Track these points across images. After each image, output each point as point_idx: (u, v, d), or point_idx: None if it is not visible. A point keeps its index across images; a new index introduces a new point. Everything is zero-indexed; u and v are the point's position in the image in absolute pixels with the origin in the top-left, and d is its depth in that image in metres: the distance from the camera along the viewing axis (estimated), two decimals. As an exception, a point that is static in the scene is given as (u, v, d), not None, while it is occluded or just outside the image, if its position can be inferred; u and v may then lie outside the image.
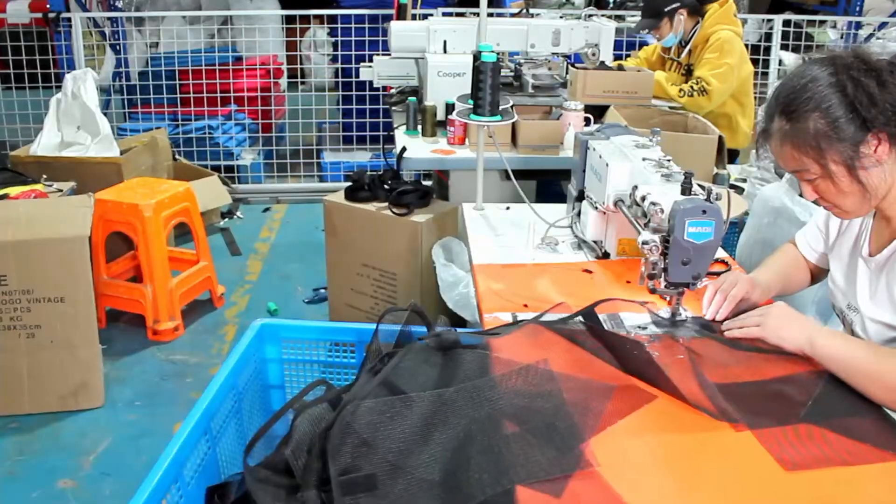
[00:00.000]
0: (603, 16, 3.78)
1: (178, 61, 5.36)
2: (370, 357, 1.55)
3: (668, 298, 1.67)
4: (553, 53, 3.50)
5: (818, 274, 1.89)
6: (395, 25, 3.46)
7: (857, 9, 6.19)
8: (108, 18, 5.73)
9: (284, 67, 6.19)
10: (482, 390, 1.31)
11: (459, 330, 1.58)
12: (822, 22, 6.29)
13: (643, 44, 4.54)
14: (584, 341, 1.52)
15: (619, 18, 5.16)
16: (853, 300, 1.66)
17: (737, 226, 2.93)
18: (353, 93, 5.32)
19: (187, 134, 5.24)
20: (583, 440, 1.22)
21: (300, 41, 6.80)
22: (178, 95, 5.28)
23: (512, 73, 3.50)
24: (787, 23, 5.50)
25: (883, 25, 5.93)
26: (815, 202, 1.60)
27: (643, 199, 1.65)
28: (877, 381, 1.38)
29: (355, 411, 1.25)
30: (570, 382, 1.35)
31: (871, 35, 5.81)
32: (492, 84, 2.10)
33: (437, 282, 2.65)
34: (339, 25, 5.31)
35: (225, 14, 6.22)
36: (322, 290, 3.77)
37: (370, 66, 3.67)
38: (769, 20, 5.63)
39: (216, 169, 5.05)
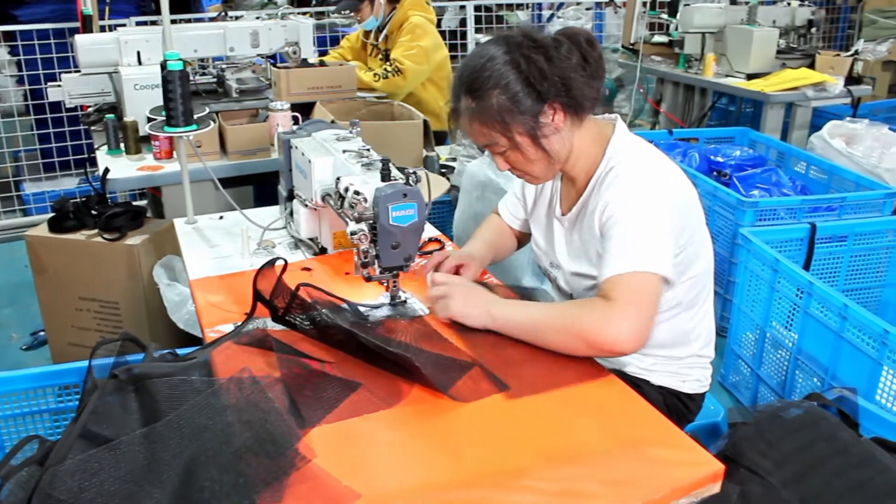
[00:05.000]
0: (303, 13, 3.78)
1: None
2: (84, 398, 1.44)
3: (385, 283, 1.72)
4: (258, 55, 3.46)
5: (523, 239, 2.04)
6: (80, 39, 3.22)
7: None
8: None
9: (-36, 94, 5.53)
10: (192, 417, 1.23)
11: (181, 352, 1.53)
12: (509, 5, 6.76)
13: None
14: (281, 340, 1.50)
15: (321, 15, 5.20)
16: (554, 258, 1.81)
17: (451, 203, 3.08)
18: (48, 115, 4.88)
19: None
20: (297, 438, 1.21)
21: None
22: None
23: (215, 80, 3.40)
24: (479, 7, 5.87)
25: (561, 6, 6.52)
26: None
27: (346, 190, 1.68)
28: (549, 329, 1.49)
29: (53, 481, 1.13)
30: (275, 385, 1.33)
31: (552, 15, 6.37)
32: (182, 93, 2.02)
33: (164, 304, 2.53)
34: (20, 42, 4.84)
35: None
36: (41, 333, 3.45)
37: (59, 86, 3.39)
38: (463, 6, 5.96)
39: None
